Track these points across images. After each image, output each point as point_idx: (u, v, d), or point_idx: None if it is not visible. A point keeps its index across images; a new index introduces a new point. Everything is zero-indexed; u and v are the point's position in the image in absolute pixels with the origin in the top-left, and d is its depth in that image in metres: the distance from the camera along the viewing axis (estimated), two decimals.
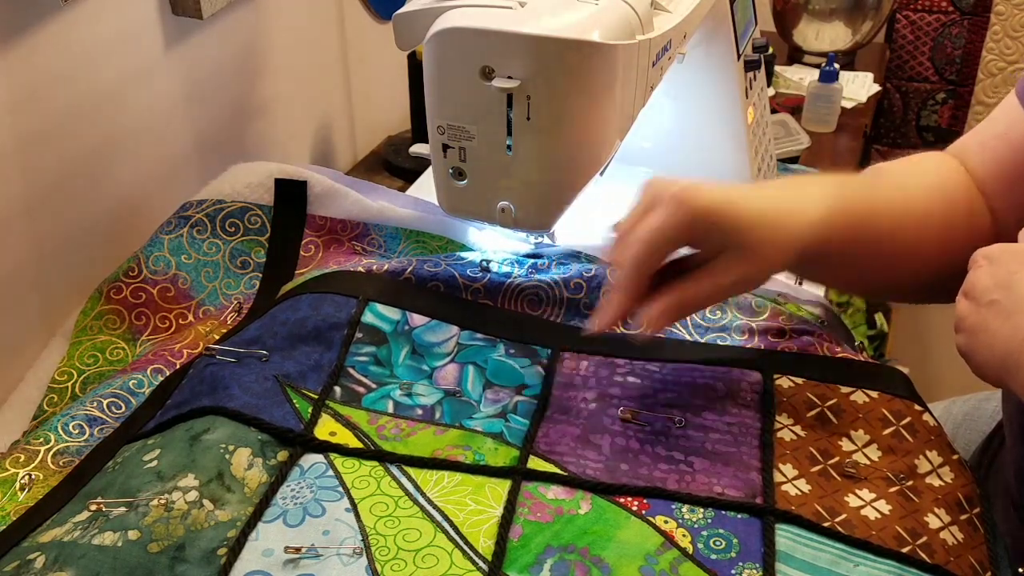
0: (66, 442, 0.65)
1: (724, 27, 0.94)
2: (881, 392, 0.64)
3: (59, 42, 0.78)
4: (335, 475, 0.58)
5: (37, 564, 0.51)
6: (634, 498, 0.57)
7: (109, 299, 0.79)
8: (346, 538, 0.54)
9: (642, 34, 0.70)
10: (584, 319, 0.72)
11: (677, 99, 1.00)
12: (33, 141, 0.77)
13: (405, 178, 1.17)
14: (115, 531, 0.52)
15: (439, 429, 0.62)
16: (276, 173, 0.85)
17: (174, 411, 0.62)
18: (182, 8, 0.89)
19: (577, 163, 0.73)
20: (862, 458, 0.60)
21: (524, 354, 0.68)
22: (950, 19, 1.97)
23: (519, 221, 0.74)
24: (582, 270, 0.73)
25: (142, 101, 0.88)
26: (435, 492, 0.57)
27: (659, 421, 0.63)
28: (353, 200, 0.85)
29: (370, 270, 0.73)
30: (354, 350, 0.67)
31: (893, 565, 0.54)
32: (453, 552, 0.53)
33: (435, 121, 0.72)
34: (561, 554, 0.53)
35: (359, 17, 1.23)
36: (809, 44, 1.69)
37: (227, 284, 0.81)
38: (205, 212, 0.83)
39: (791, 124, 1.37)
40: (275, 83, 1.09)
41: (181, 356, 0.73)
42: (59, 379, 0.74)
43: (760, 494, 0.57)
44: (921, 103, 2.06)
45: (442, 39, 0.68)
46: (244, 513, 0.54)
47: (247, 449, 0.58)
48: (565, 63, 0.67)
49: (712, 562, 0.53)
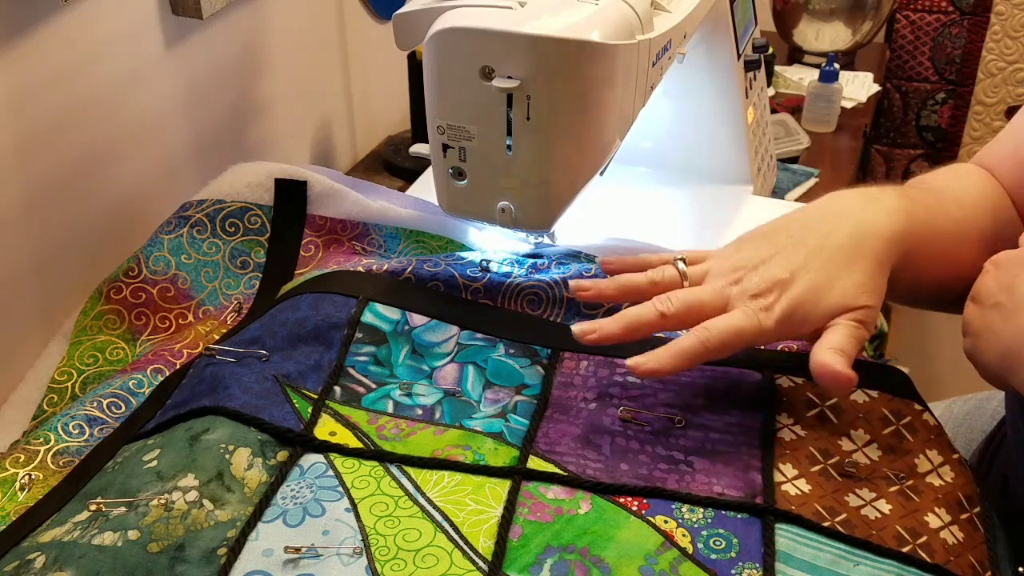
0: (66, 442, 0.65)
1: (724, 27, 0.95)
2: (881, 391, 0.64)
3: (59, 42, 0.78)
4: (335, 475, 0.58)
5: (37, 564, 0.51)
6: (634, 498, 0.57)
7: (109, 299, 0.79)
8: (346, 538, 0.54)
9: (642, 34, 0.70)
10: (584, 319, 0.72)
11: (677, 99, 1.00)
12: (33, 141, 0.77)
13: (405, 178, 1.18)
14: (115, 531, 0.52)
15: (439, 429, 0.62)
16: (276, 173, 0.85)
17: (174, 411, 0.62)
18: (182, 8, 0.89)
19: (577, 163, 0.73)
20: (862, 458, 0.60)
21: (524, 354, 0.68)
22: (950, 19, 1.97)
23: (519, 221, 0.74)
24: (582, 270, 0.73)
25: (142, 101, 0.89)
26: (435, 492, 0.57)
27: (659, 421, 0.63)
28: (353, 200, 0.85)
29: (370, 270, 0.73)
30: (354, 350, 0.67)
31: (893, 565, 0.54)
32: (453, 552, 0.53)
33: (435, 121, 0.72)
34: (561, 554, 0.53)
35: (359, 17, 1.23)
36: (809, 44, 1.69)
37: (227, 284, 0.81)
38: (205, 212, 0.83)
39: (791, 124, 1.37)
40: (275, 83, 1.09)
41: (181, 356, 0.73)
42: (59, 379, 0.74)
43: (760, 494, 0.57)
44: (921, 103, 2.06)
45: (442, 39, 0.68)
46: (244, 513, 0.54)
47: (247, 449, 0.58)
48: (565, 63, 0.67)
49: (712, 562, 0.53)
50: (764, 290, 0.61)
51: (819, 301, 0.61)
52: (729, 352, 0.61)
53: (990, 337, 0.61)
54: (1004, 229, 0.70)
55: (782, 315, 0.60)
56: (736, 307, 0.61)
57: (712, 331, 0.60)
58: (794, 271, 0.62)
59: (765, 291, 0.61)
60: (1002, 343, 0.59)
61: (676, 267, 0.66)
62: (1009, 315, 0.59)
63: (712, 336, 0.60)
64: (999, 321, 0.60)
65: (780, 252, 0.63)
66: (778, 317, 0.60)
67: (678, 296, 0.62)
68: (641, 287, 0.66)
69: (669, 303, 0.62)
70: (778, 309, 0.61)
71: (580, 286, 0.66)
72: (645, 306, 0.63)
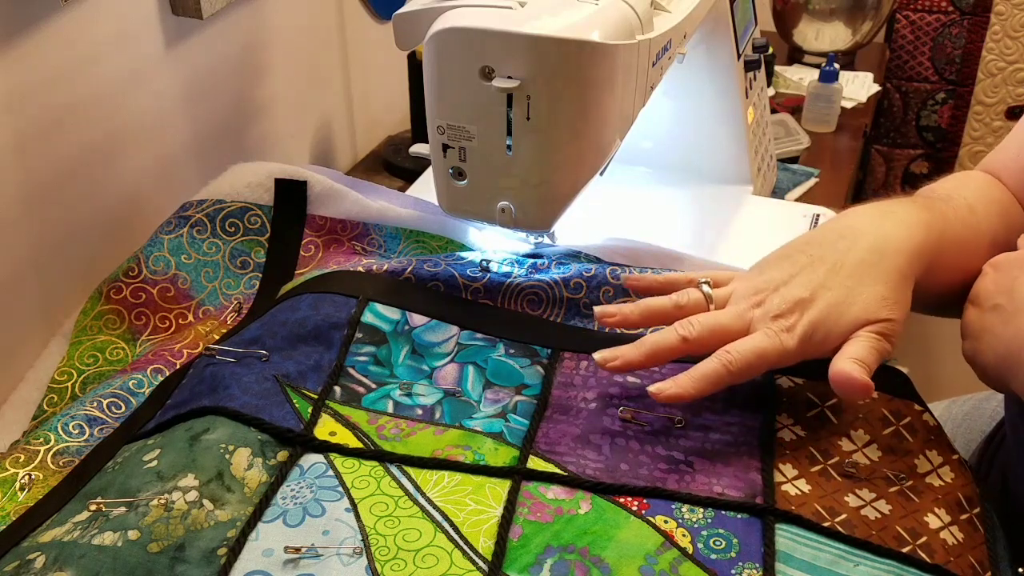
0: (66, 442, 0.65)
1: (724, 27, 0.95)
2: (881, 392, 0.64)
3: (59, 42, 0.78)
4: (335, 475, 0.58)
5: (37, 564, 0.51)
6: (634, 498, 0.57)
7: (109, 299, 0.79)
8: (346, 538, 0.54)
9: (642, 34, 0.70)
10: (584, 319, 0.72)
11: (677, 99, 1.01)
12: (33, 140, 0.77)
13: (405, 178, 1.18)
14: (115, 531, 0.52)
15: (439, 429, 0.62)
16: (276, 173, 0.85)
17: (174, 411, 0.62)
18: (182, 8, 0.89)
19: (577, 163, 0.73)
20: (862, 458, 0.60)
21: (524, 354, 0.68)
22: (950, 19, 1.97)
23: (519, 221, 0.74)
24: (582, 270, 0.73)
25: (142, 101, 0.89)
26: (435, 492, 0.57)
27: (659, 421, 0.63)
28: (353, 200, 0.85)
29: (370, 270, 0.73)
30: (354, 350, 0.67)
31: (893, 565, 0.54)
32: (453, 552, 0.53)
33: (435, 121, 0.72)
34: (561, 554, 0.53)
35: (359, 17, 1.23)
36: (809, 44, 1.69)
37: (227, 284, 0.81)
38: (205, 212, 0.83)
39: (791, 124, 1.37)
40: (275, 83, 1.09)
41: (181, 356, 0.73)
42: (59, 379, 0.74)
43: (760, 494, 0.57)
44: (921, 103, 2.06)
45: (442, 39, 0.68)
46: (244, 513, 0.54)
47: (247, 449, 0.58)
48: (565, 63, 0.67)
49: (712, 562, 0.53)
50: (785, 311, 0.61)
51: (841, 317, 0.60)
52: (752, 374, 0.61)
53: (989, 339, 0.61)
54: (1013, 234, 0.70)
55: (804, 334, 0.60)
56: (758, 329, 0.61)
57: (735, 354, 0.60)
58: (814, 290, 0.62)
59: (786, 312, 0.61)
60: (1001, 345, 0.59)
61: (701, 290, 0.65)
62: (1009, 317, 0.59)
63: (735, 359, 0.59)
64: (998, 323, 0.60)
65: (800, 272, 0.63)
66: (800, 336, 0.60)
67: (700, 320, 0.62)
68: (666, 311, 0.65)
69: (691, 327, 0.62)
70: (799, 329, 0.60)
71: (605, 312, 0.66)
72: (667, 331, 0.62)
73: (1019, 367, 0.58)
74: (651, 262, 0.79)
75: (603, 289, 0.72)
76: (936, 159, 2.11)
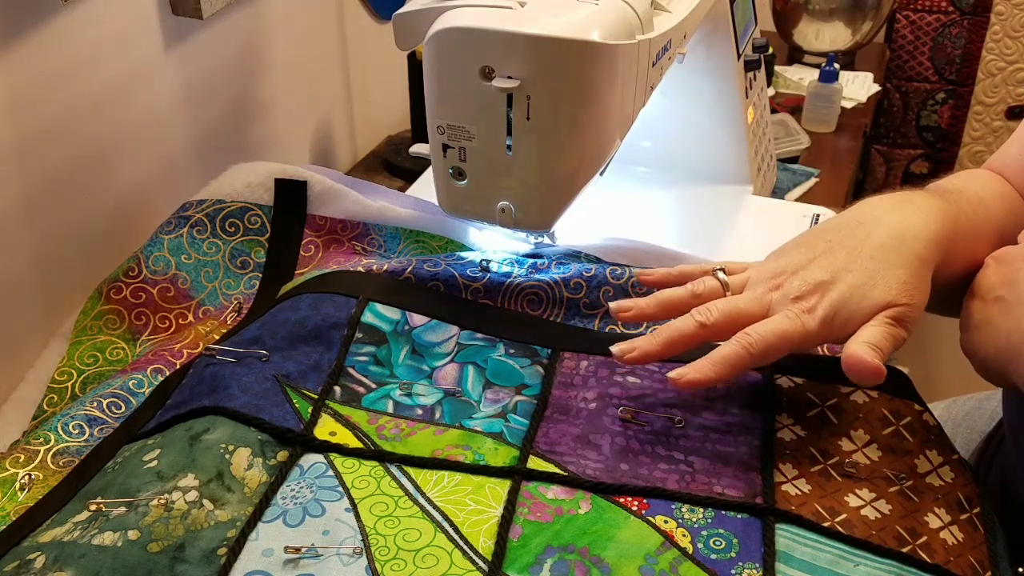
0: (66, 442, 0.65)
1: (724, 27, 0.95)
2: (881, 392, 0.64)
3: (59, 42, 0.78)
4: (335, 475, 0.58)
5: (37, 564, 0.51)
6: (634, 498, 0.57)
7: (109, 299, 0.79)
8: (346, 538, 0.54)
9: (642, 34, 0.70)
10: (584, 319, 0.72)
11: (677, 99, 1.01)
12: (33, 141, 0.77)
13: (405, 178, 1.18)
14: (115, 531, 0.52)
15: (439, 429, 0.62)
16: (276, 173, 0.85)
17: (174, 411, 0.62)
18: (182, 8, 0.89)
19: (577, 163, 0.73)
20: (862, 458, 0.60)
21: (524, 354, 0.68)
22: (950, 19, 1.97)
23: (519, 221, 0.74)
24: (582, 270, 0.73)
25: (142, 101, 0.89)
26: (435, 492, 0.57)
27: (659, 421, 0.63)
28: (353, 200, 0.85)
29: (370, 270, 0.73)
30: (354, 350, 0.67)
31: (893, 565, 0.54)
32: (453, 552, 0.53)
33: (435, 121, 0.72)
34: (561, 554, 0.53)
35: (359, 17, 1.23)
36: (809, 44, 1.69)
37: (227, 284, 0.81)
38: (205, 212, 0.83)
39: (791, 124, 1.37)
40: (275, 83, 1.09)
41: (181, 356, 0.73)
42: (59, 379, 0.74)
43: (760, 494, 0.57)
44: (921, 103, 2.06)
45: (442, 39, 0.68)
46: (244, 513, 0.54)
47: (247, 449, 0.58)
48: (565, 63, 0.67)
49: (712, 562, 0.53)
50: (806, 292, 0.60)
51: (863, 299, 0.59)
52: (774, 357, 0.59)
53: (990, 330, 0.60)
54: (1018, 228, 0.70)
55: (825, 315, 0.59)
56: (778, 312, 0.60)
57: (755, 336, 0.58)
58: (835, 272, 0.61)
59: (807, 293, 0.60)
60: (1002, 337, 0.59)
61: (717, 277, 0.65)
62: (1010, 309, 0.59)
63: (755, 340, 0.58)
64: (999, 315, 0.60)
65: (819, 256, 0.62)
66: (822, 317, 0.59)
67: (717, 305, 0.61)
68: (683, 300, 0.64)
69: (708, 313, 0.61)
70: (821, 310, 0.59)
71: (621, 307, 0.65)
72: (684, 319, 0.61)
73: (1019, 359, 0.57)
74: (651, 262, 0.79)
75: (603, 289, 0.72)
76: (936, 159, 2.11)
